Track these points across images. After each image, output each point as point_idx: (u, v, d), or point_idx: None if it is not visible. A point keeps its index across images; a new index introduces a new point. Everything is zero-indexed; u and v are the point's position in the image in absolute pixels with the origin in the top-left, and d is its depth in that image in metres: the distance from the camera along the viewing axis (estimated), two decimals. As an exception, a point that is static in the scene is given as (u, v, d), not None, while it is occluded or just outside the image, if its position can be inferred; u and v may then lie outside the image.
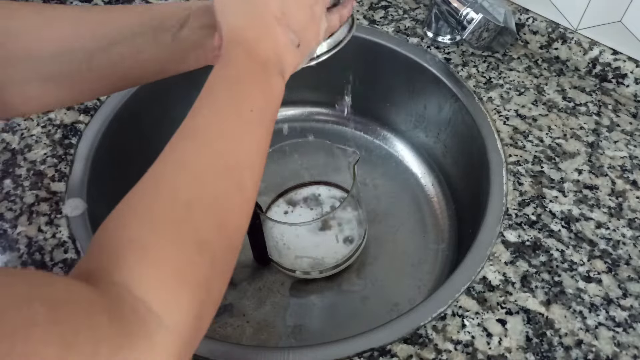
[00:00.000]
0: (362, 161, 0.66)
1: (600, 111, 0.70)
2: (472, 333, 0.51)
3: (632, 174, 0.63)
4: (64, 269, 0.55)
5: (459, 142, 0.74)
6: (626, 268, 0.56)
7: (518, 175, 0.63)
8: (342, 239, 0.68)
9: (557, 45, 0.74)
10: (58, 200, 0.61)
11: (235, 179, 0.37)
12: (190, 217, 0.34)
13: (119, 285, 0.29)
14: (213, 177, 0.36)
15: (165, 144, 0.39)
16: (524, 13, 0.75)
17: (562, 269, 0.55)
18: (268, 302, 0.69)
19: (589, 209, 0.60)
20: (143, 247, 0.31)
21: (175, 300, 0.30)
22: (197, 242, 0.33)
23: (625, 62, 0.70)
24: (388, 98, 0.83)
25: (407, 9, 0.82)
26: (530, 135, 0.67)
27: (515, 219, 0.59)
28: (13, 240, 0.57)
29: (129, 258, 0.30)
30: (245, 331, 0.66)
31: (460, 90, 0.71)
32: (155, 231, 0.32)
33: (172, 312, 0.29)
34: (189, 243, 0.32)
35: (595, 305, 0.53)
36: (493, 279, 0.55)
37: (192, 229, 0.33)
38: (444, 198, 0.79)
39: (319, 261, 0.67)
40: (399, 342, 0.51)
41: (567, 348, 0.50)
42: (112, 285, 0.29)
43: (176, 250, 0.32)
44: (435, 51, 0.76)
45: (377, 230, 0.75)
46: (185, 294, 0.30)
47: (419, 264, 0.72)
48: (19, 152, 0.65)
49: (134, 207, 0.33)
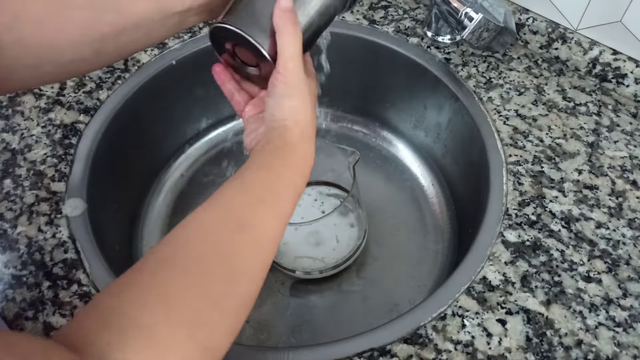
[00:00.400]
0: (362, 161, 0.66)
1: (600, 111, 0.70)
2: (472, 333, 0.51)
3: (632, 174, 0.63)
4: (64, 269, 0.55)
5: (459, 142, 0.74)
6: (626, 268, 0.56)
7: (518, 175, 0.63)
8: (342, 239, 0.68)
9: (557, 45, 0.74)
10: (58, 200, 0.61)
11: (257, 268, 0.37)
12: (212, 316, 0.33)
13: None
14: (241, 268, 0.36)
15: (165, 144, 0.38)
16: (524, 13, 0.75)
17: (562, 269, 0.55)
18: (268, 302, 0.69)
19: (589, 209, 0.60)
20: (153, 338, 0.30)
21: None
22: (208, 343, 0.32)
23: (625, 62, 0.70)
24: (388, 98, 0.83)
25: (407, 9, 0.82)
26: (530, 135, 0.67)
27: (515, 219, 0.59)
28: (13, 240, 0.57)
29: (133, 343, 0.29)
30: (245, 331, 0.66)
31: (460, 90, 0.71)
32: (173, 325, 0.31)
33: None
34: (201, 344, 0.32)
35: (595, 305, 0.53)
36: (493, 279, 0.55)
37: (209, 330, 0.32)
38: (444, 198, 0.79)
39: (319, 261, 0.67)
40: (399, 342, 0.51)
41: (567, 348, 0.50)
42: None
43: (186, 351, 0.31)
44: (435, 51, 0.76)
45: (377, 230, 0.75)
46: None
47: (419, 264, 0.72)
48: (19, 152, 0.65)
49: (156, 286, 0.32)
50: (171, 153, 0.82)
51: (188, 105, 0.80)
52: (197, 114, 0.82)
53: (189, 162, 0.83)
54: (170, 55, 0.75)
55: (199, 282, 0.33)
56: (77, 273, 0.55)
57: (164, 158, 0.81)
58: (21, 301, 0.53)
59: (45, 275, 0.55)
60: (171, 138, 0.81)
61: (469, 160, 0.71)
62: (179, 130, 0.82)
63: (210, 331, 0.32)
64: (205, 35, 0.77)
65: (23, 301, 0.53)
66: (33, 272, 0.55)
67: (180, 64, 0.75)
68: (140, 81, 0.72)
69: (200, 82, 0.79)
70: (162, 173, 0.81)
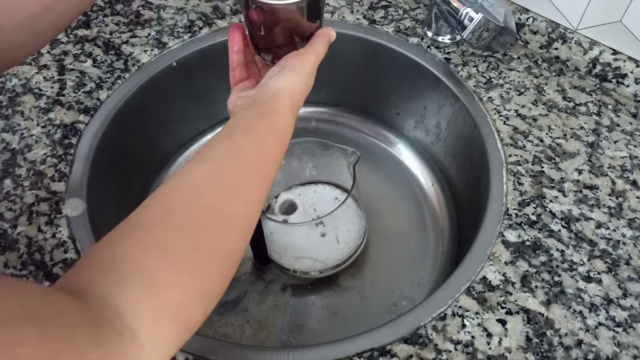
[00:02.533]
0: (362, 161, 0.66)
1: (600, 111, 0.70)
2: (472, 333, 0.51)
3: (632, 174, 0.63)
4: (64, 269, 0.55)
5: (459, 142, 0.74)
6: (626, 268, 0.56)
7: (518, 175, 0.63)
8: (342, 239, 0.68)
9: (557, 45, 0.74)
10: (58, 200, 0.61)
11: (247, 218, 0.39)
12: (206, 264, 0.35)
13: (112, 309, 0.29)
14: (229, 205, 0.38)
15: (165, 144, 0.39)
16: (524, 13, 0.75)
17: (562, 269, 0.55)
18: (268, 302, 0.69)
19: (589, 209, 0.60)
20: (152, 282, 0.31)
21: (163, 337, 0.31)
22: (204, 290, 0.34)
23: (625, 62, 0.70)
24: (388, 98, 0.83)
25: (407, 9, 0.82)
26: (530, 135, 0.67)
27: (515, 219, 0.59)
28: (13, 240, 0.57)
29: (133, 287, 0.31)
30: (245, 331, 0.66)
31: (460, 90, 0.71)
32: (171, 271, 0.33)
33: (156, 346, 0.30)
34: (195, 291, 0.34)
35: (595, 305, 0.53)
36: (493, 279, 0.55)
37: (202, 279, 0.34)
38: (444, 198, 0.79)
39: (319, 261, 0.67)
40: (399, 342, 0.51)
41: (567, 348, 0.50)
42: (105, 307, 0.29)
43: (182, 296, 0.33)
44: (435, 51, 0.76)
45: (377, 230, 0.75)
46: (173, 333, 0.32)
47: (419, 264, 0.72)
48: (19, 152, 0.65)
49: (155, 235, 0.34)
50: (171, 153, 0.82)
51: (188, 105, 0.80)
52: (197, 114, 0.82)
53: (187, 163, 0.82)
54: (170, 55, 0.75)
55: (193, 236, 0.35)
56: (77, 273, 0.55)
57: (164, 158, 0.81)
58: (21, 301, 0.53)
59: (45, 275, 0.55)
60: (171, 138, 0.81)
61: (469, 160, 0.71)
62: (179, 130, 0.82)
63: (205, 279, 0.35)
64: (206, 36, 0.77)
65: (23, 301, 0.53)
66: (33, 272, 0.55)
67: (180, 64, 0.75)
68: (140, 81, 0.72)
69: (200, 82, 0.79)
70: (162, 173, 0.81)
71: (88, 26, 0.79)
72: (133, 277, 0.31)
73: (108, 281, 0.30)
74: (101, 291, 0.30)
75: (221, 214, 0.37)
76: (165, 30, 0.78)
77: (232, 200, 0.38)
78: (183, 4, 0.82)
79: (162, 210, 0.36)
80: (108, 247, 0.33)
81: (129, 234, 0.34)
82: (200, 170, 0.39)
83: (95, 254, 0.33)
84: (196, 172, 0.39)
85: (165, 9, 0.82)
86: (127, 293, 0.30)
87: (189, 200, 0.37)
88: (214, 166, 0.39)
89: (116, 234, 0.34)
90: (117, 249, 0.33)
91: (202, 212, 0.36)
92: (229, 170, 0.39)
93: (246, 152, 0.41)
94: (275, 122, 0.43)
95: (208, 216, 0.36)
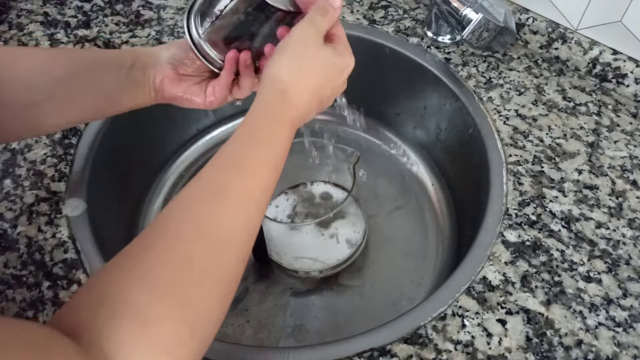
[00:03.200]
0: (362, 161, 0.66)
1: (600, 111, 0.70)
2: (472, 333, 0.51)
3: (632, 174, 0.63)
4: (64, 269, 0.55)
5: (459, 142, 0.74)
6: (626, 268, 0.56)
7: (518, 175, 0.63)
8: (342, 239, 0.68)
9: (557, 45, 0.74)
10: (58, 200, 0.61)
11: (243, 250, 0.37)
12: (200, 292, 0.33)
13: (105, 354, 0.29)
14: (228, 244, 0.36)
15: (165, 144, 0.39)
16: (524, 13, 0.75)
17: (562, 269, 0.55)
18: (268, 302, 0.69)
19: (589, 209, 0.60)
20: (144, 319, 0.30)
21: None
22: (199, 320, 0.33)
23: (625, 62, 0.70)
24: (388, 98, 0.83)
25: (407, 9, 0.82)
26: (530, 135, 0.67)
27: (515, 219, 0.59)
28: (13, 240, 0.57)
29: (124, 326, 0.30)
30: (245, 331, 0.66)
31: (460, 90, 0.71)
32: (162, 304, 0.31)
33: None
34: (189, 323, 0.32)
35: (595, 305, 0.53)
36: (493, 279, 0.55)
37: (198, 305, 0.33)
38: (444, 198, 0.79)
39: (319, 261, 0.67)
40: (399, 342, 0.50)
41: (567, 348, 0.50)
42: (99, 352, 0.28)
43: (175, 331, 0.31)
44: (435, 51, 0.76)
45: (377, 230, 0.75)
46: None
47: (419, 264, 0.72)
48: (19, 152, 0.65)
49: (143, 266, 0.33)
50: (171, 153, 0.82)
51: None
52: (197, 114, 0.82)
53: (189, 162, 0.83)
54: (170, 55, 0.75)
55: (179, 259, 0.33)
56: (77, 273, 0.55)
57: (164, 158, 0.81)
58: (21, 301, 0.53)
59: (45, 275, 0.55)
60: (171, 138, 0.81)
61: (469, 160, 0.71)
62: (179, 130, 0.82)
63: (197, 310, 0.33)
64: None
65: (23, 301, 0.53)
66: (33, 272, 0.55)
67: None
68: (140, 81, 0.72)
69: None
70: (162, 173, 0.81)
71: (88, 26, 0.79)
72: (123, 315, 0.30)
73: (100, 320, 0.30)
74: (94, 332, 0.29)
75: (210, 226, 0.35)
76: (165, 30, 0.78)
77: (221, 209, 0.36)
78: (183, 4, 0.82)
79: (149, 237, 0.34)
80: (102, 278, 0.32)
81: (119, 266, 0.33)
82: (188, 186, 0.37)
83: (90, 286, 0.32)
84: (184, 190, 0.37)
85: (165, 9, 0.82)
86: (118, 334, 0.29)
87: (173, 219, 0.35)
88: (202, 179, 0.37)
89: (111, 264, 0.33)
90: (109, 282, 0.32)
91: (187, 229, 0.35)
92: (216, 178, 0.37)
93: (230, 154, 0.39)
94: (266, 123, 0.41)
95: (194, 232, 0.35)
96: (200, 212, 0.35)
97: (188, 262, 0.33)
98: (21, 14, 0.80)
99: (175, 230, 0.34)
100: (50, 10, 0.81)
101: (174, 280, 0.32)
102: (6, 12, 0.80)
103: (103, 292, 0.31)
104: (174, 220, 0.35)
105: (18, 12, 0.80)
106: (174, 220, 0.35)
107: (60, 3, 0.82)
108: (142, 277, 0.32)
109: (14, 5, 0.81)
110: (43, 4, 0.82)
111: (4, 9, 0.80)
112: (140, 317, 0.30)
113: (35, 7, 0.81)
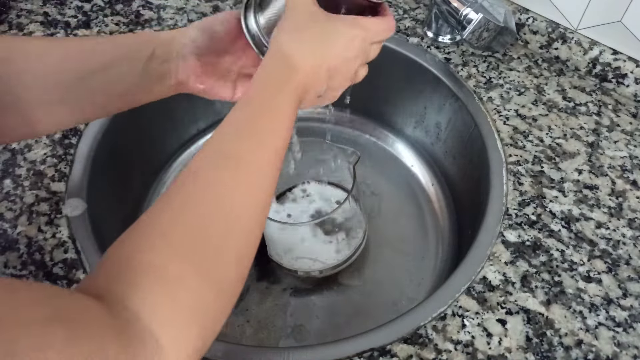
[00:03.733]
0: (362, 161, 0.66)
1: (600, 111, 0.70)
2: (472, 333, 0.51)
3: (632, 174, 0.63)
4: (64, 269, 0.55)
5: (459, 142, 0.74)
6: (626, 268, 0.56)
7: (518, 175, 0.63)
8: (342, 239, 0.68)
9: (557, 45, 0.74)
10: (58, 200, 0.61)
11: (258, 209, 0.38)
12: (216, 252, 0.34)
13: (130, 312, 0.29)
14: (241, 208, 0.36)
15: (165, 144, 0.39)
16: (524, 13, 0.75)
17: (562, 269, 0.55)
18: (268, 302, 0.69)
19: (589, 209, 0.60)
20: (164, 276, 0.31)
21: (184, 339, 0.30)
22: (217, 281, 0.33)
23: (625, 62, 0.70)
24: (388, 98, 0.83)
25: (407, 9, 0.82)
26: (530, 135, 0.67)
27: (515, 219, 0.59)
28: (13, 240, 0.57)
29: (146, 285, 0.30)
30: (245, 331, 0.66)
31: (460, 90, 0.71)
32: (179, 262, 0.32)
33: (178, 350, 0.30)
34: (210, 282, 0.33)
35: (595, 305, 0.53)
36: (493, 279, 0.55)
37: (215, 265, 0.33)
38: (444, 198, 0.79)
39: (319, 261, 0.67)
40: (399, 342, 0.51)
41: (567, 348, 0.50)
42: (124, 310, 0.29)
43: (197, 287, 0.32)
44: (435, 51, 0.76)
45: (377, 230, 0.75)
46: (194, 334, 0.31)
47: (419, 264, 0.72)
48: (19, 152, 0.65)
49: (159, 228, 0.33)
50: (171, 153, 0.82)
51: (188, 105, 0.80)
52: (197, 114, 0.82)
53: (188, 162, 0.83)
54: (170, 55, 0.74)
55: (193, 218, 0.34)
56: (77, 273, 0.55)
57: (164, 158, 0.81)
58: (21, 301, 0.53)
59: (45, 275, 0.55)
60: (171, 138, 0.81)
61: (469, 160, 0.71)
62: (179, 130, 0.82)
63: (216, 269, 0.33)
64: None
65: (23, 301, 0.53)
66: (33, 272, 0.55)
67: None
68: (140, 81, 0.72)
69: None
70: (162, 173, 0.81)
71: (88, 26, 0.79)
72: (145, 274, 0.31)
73: (122, 281, 0.30)
74: (118, 294, 0.30)
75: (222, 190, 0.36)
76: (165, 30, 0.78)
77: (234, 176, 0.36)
78: (183, 4, 0.82)
79: (164, 201, 0.35)
80: (120, 246, 0.33)
81: (137, 230, 0.34)
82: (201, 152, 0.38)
83: (109, 255, 0.33)
84: (197, 155, 0.38)
85: (165, 9, 0.82)
86: (141, 293, 0.30)
87: (187, 185, 0.36)
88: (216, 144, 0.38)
89: (127, 233, 0.34)
90: (127, 248, 0.32)
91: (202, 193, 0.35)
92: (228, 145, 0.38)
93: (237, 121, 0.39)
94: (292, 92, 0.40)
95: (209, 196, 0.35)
96: (211, 178, 0.36)
97: (202, 220, 0.34)
98: (21, 14, 0.80)
99: (187, 193, 0.35)
100: (50, 10, 0.81)
101: (190, 239, 0.33)
102: (6, 12, 0.80)
103: (122, 258, 0.32)
104: (185, 186, 0.36)
105: (18, 12, 0.80)
106: (185, 186, 0.36)
107: (60, 3, 0.82)
108: (159, 238, 0.33)
109: (14, 5, 0.81)
110: (43, 4, 0.82)
111: (4, 9, 0.80)
112: (161, 275, 0.31)
113: (35, 7, 0.81)
